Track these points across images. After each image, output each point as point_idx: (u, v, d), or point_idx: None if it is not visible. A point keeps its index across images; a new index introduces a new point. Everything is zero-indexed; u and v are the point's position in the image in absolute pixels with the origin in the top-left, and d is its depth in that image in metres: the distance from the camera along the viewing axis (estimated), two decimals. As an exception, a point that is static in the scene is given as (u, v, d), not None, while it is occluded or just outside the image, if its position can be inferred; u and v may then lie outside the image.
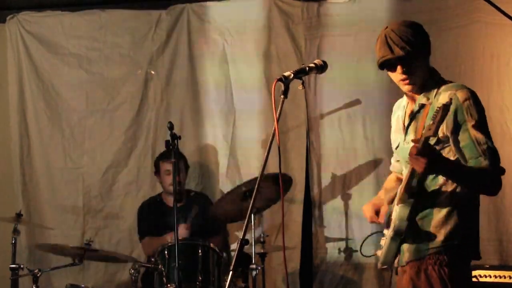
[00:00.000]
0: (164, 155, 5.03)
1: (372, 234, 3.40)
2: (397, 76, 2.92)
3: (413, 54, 2.84)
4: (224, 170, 5.49)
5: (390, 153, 5.16)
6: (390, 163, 3.31)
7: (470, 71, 5.09)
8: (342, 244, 5.31)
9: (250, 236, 4.47)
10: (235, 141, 5.51)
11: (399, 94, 5.19)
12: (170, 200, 5.05)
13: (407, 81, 2.91)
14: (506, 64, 5.03)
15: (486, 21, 5.03)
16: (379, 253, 3.07)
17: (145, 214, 5.20)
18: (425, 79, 2.95)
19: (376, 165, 5.31)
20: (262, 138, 5.38)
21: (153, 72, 5.60)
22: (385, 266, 3.09)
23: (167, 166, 4.99)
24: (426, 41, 2.94)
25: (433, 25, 5.17)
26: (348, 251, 5.29)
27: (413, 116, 2.96)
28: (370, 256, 3.25)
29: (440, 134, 2.80)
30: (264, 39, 5.49)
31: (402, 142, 3.01)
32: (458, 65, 5.14)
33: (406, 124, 2.99)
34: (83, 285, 4.47)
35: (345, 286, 5.30)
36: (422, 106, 2.92)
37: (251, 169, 5.39)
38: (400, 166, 3.20)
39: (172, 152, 4.15)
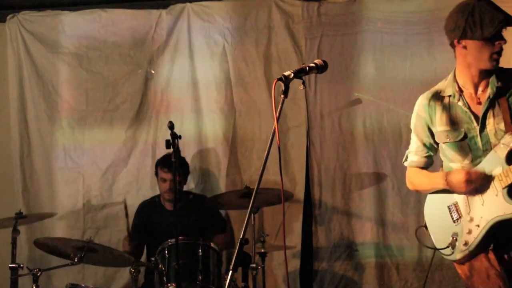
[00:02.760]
0: (164, 162, 5.00)
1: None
2: (493, 48, 2.91)
3: None
4: (224, 170, 5.48)
5: (390, 152, 5.25)
6: (390, 163, 3.28)
7: None
8: (343, 244, 5.32)
9: (250, 236, 4.50)
10: (235, 141, 5.51)
11: (399, 92, 5.28)
12: (167, 204, 5.10)
13: (499, 57, 2.93)
14: (506, 63, 5.01)
15: None
16: None
17: (141, 216, 5.19)
18: None
19: (377, 165, 5.32)
20: (262, 138, 5.38)
21: (153, 72, 5.59)
22: None
23: (164, 175, 5.00)
24: None
25: (431, 24, 5.21)
26: (348, 251, 5.30)
27: (492, 101, 2.94)
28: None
29: None
30: (265, 38, 5.50)
31: (473, 132, 2.99)
32: (451, 64, 5.08)
33: (482, 111, 2.95)
34: (83, 285, 4.46)
35: (345, 285, 5.31)
36: (500, 89, 2.93)
37: (251, 169, 5.42)
38: (426, 161, 3.25)
39: (172, 152, 4.13)
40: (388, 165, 5.30)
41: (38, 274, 4.25)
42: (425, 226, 3.26)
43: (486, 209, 2.99)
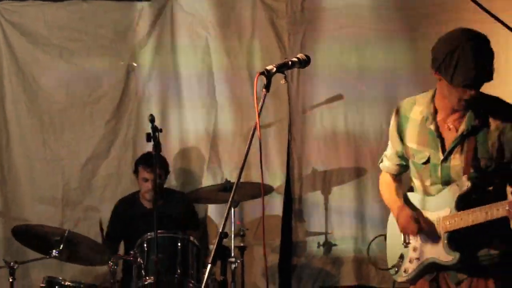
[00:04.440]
0: (145, 161, 4.93)
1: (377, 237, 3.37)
2: (462, 94, 2.73)
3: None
4: (205, 164, 5.47)
5: (371, 148, 5.29)
6: (370, 159, 3.28)
7: None
8: (322, 238, 5.35)
9: (230, 230, 4.54)
10: (216, 135, 5.50)
11: (381, 91, 5.32)
12: (146, 202, 5.06)
13: (471, 102, 2.74)
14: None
15: (467, 19, 5.04)
16: None
17: (118, 215, 5.13)
18: None
19: (357, 161, 5.35)
20: (244, 132, 5.38)
21: (135, 64, 5.55)
22: None
23: (145, 174, 4.95)
24: None
25: (414, 22, 5.26)
26: (327, 245, 5.33)
27: (463, 137, 2.81)
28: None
29: None
30: (248, 33, 5.49)
31: (436, 160, 2.88)
32: None
33: (451, 145, 2.84)
34: (60, 278, 4.42)
35: (324, 279, 5.35)
36: (474, 128, 2.79)
37: (232, 163, 5.42)
38: (398, 169, 3.16)
39: (152, 147, 4.10)
40: (368, 160, 5.32)
41: (15, 267, 4.21)
42: (385, 237, 3.25)
43: (427, 246, 2.94)
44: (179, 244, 4.41)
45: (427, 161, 2.93)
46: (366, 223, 5.33)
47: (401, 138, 3.05)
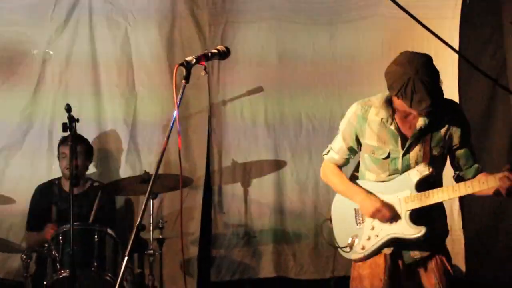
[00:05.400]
0: (63, 139, 4.90)
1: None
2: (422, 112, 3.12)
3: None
4: (124, 156, 5.40)
5: (290, 140, 5.34)
6: (290, 151, 3.34)
7: (368, 63, 5.24)
8: (241, 231, 5.38)
9: (148, 222, 4.51)
10: (136, 126, 5.43)
11: (301, 84, 5.37)
12: (67, 185, 4.93)
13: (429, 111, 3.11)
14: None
15: (385, 14, 5.20)
16: None
17: (38, 202, 5.03)
18: None
19: (277, 153, 5.40)
20: (164, 123, 5.32)
21: (51, 53, 5.41)
22: None
23: (63, 149, 4.89)
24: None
25: (334, 15, 5.33)
26: (247, 237, 5.36)
27: (421, 131, 3.18)
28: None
29: None
30: (168, 23, 5.44)
31: (396, 154, 3.23)
32: (357, 57, 5.32)
33: (410, 139, 3.20)
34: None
35: (243, 271, 5.37)
36: (430, 123, 3.17)
37: (152, 155, 5.35)
38: (345, 162, 3.47)
39: (69, 135, 4.04)
40: (288, 153, 5.39)
41: None
42: (330, 220, 3.47)
43: (387, 225, 3.24)
44: (96, 236, 4.35)
45: (388, 156, 3.25)
46: (285, 215, 5.39)
47: (357, 136, 3.35)
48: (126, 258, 2.54)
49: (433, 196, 3.16)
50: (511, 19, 4.46)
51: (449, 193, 3.14)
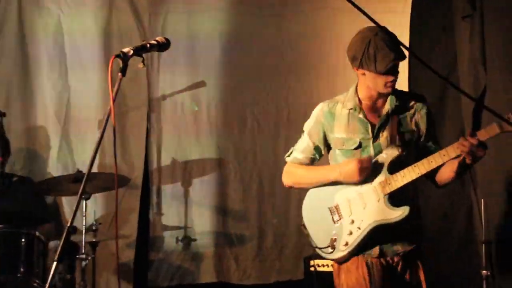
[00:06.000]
0: None
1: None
2: (387, 78, 3.16)
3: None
4: (55, 153, 5.23)
5: (234, 138, 5.24)
6: (233, 150, 3.22)
7: (317, 56, 5.25)
8: (181, 233, 5.30)
9: (80, 224, 4.36)
10: (68, 122, 5.28)
11: (245, 77, 5.26)
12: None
13: (394, 83, 3.21)
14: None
15: (334, 7, 5.22)
16: None
17: None
18: None
19: (219, 151, 5.34)
20: (99, 119, 5.18)
21: (-25, 40, 5.17)
22: None
23: None
24: None
25: (282, 6, 5.26)
26: (186, 240, 5.29)
27: (388, 116, 3.25)
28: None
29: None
30: (105, 12, 5.31)
31: (367, 142, 3.26)
32: (305, 50, 5.29)
33: (378, 123, 3.25)
34: None
35: (182, 276, 5.30)
36: (396, 107, 3.25)
37: (85, 153, 5.21)
38: (310, 162, 3.41)
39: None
40: (231, 152, 5.34)
41: None
42: (304, 226, 3.40)
43: (367, 213, 3.21)
44: (23, 240, 4.11)
45: (359, 146, 3.26)
46: (227, 217, 5.34)
47: (325, 134, 3.35)
48: (55, 263, 2.39)
49: (409, 174, 3.16)
50: (462, 13, 4.39)
51: (424, 166, 3.14)
